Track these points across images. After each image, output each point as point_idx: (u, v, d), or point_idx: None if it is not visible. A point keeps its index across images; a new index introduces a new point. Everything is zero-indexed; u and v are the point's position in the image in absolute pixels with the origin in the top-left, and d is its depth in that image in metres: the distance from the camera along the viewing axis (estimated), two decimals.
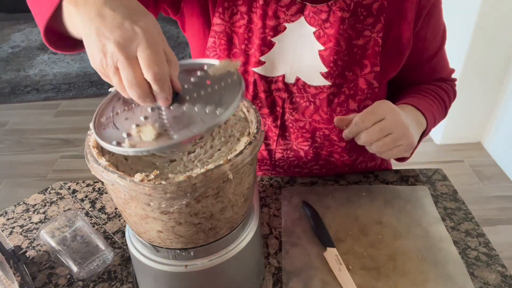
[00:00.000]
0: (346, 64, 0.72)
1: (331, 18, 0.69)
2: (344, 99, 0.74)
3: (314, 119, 0.77)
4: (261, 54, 0.73)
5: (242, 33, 0.73)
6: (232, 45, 0.74)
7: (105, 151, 0.51)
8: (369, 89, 0.73)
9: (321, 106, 0.74)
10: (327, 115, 0.75)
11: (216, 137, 0.53)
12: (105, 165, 0.46)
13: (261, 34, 0.72)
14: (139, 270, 0.60)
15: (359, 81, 0.73)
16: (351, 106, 0.74)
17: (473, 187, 2.02)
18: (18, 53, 3.54)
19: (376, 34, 0.71)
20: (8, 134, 2.56)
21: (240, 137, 0.52)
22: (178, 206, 0.46)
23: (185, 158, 0.50)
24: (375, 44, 0.71)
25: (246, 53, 0.74)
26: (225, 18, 0.73)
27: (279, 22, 0.71)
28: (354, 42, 0.71)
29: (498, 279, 0.66)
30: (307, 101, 0.75)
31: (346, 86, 0.73)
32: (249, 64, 0.74)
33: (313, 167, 0.86)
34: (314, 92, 0.74)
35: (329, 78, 0.72)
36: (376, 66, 0.72)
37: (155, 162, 0.49)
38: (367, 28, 0.71)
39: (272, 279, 0.67)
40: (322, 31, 0.70)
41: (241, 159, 0.47)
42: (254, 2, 0.71)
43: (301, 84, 0.74)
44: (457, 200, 0.81)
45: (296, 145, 0.81)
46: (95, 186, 0.89)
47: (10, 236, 0.78)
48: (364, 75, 0.72)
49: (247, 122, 0.55)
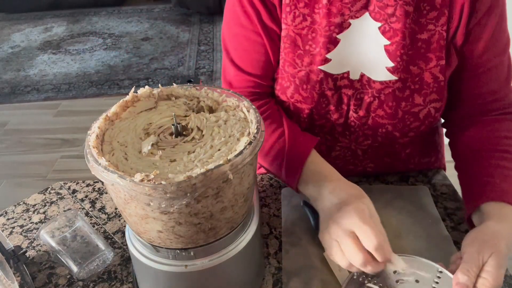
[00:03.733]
0: (410, 58, 0.72)
1: (397, 12, 0.69)
2: (409, 93, 0.74)
3: (377, 114, 0.76)
4: (327, 51, 0.73)
5: (306, 34, 0.74)
6: (296, 47, 0.75)
7: (105, 151, 0.51)
8: (435, 82, 0.73)
9: (386, 101, 0.74)
10: (392, 110, 0.75)
11: (216, 137, 0.53)
12: (105, 165, 0.46)
13: (326, 32, 0.72)
14: (139, 270, 0.61)
15: (424, 75, 0.73)
16: (417, 101, 0.74)
17: None
18: (18, 53, 3.54)
19: (440, 28, 0.70)
20: (8, 134, 2.56)
21: (240, 137, 0.52)
22: (178, 206, 0.46)
23: (185, 158, 0.50)
24: (440, 37, 0.71)
25: (311, 54, 0.74)
26: (287, 22, 0.74)
27: (344, 19, 0.71)
28: (418, 36, 0.71)
29: None
30: (372, 96, 0.75)
31: (410, 80, 0.73)
32: (314, 64, 0.74)
33: (367, 165, 0.85)
34: (379, 87, 0.74)
35: (395, 73, 0.72)
36: (441, 60, 0.72)
37: (155, 162, 0.49)
38: (430, 22, 0.70)
39: (272, 279, 0.67)
40: (387, 25, 0.71)
41: (241, 159, 0.47)
42: (316, 3, 0.72)
43: (365, 80, 0.74)
44: (457, 200, 0.81)
45: (354, 145, 0.82)
46: (95, 186, 0.89)
47: (10, 236, 0.78)
48: (429, 69, 0.72)
49: (247, 122, 0.55)
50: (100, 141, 0.53)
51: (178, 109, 0.59)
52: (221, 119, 0.56)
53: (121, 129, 0.55)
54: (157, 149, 0.52)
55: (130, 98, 0.59)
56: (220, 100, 0.60)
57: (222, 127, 0.54)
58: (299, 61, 0.75)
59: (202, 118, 0.56)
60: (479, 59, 0.74)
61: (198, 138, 0.53)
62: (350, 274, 0.65)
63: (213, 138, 0.53)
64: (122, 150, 0.52)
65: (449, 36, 0.72)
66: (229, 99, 0.59)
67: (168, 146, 0.52)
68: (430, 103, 0.74)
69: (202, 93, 0.61)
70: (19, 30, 3.97)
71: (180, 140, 0.53)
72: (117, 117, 0.57)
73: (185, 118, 0.57)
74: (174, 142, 0.53)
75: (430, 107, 0.74)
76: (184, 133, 0.55)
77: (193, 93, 0.62)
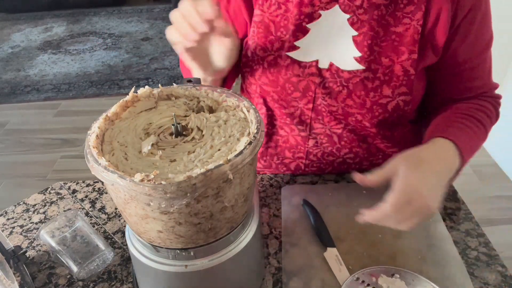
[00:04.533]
0: (383, 50, 0.73)
1: (364, 4, 0.71)
2: (378, 84, 0.75)
3: (347, 104, 0.77)
4: (295, 39, 0.76)
5: (279, 21, 0.77)
6: (268, 33, 0.78)
7: (105, 151, 0.51)
8: (405, 76, 0.74)
9: (354, 90, 0.75)
10: (360, 99, 0.76)
11: (216, 137, 0.53)
12: (105, 165, 0.46)
13: (296, 21, 0.75)
14: (139, 270, 0.60)
15: (395, 68, 0.74)
16: (385, 92, 0.75)
17: (473, 187, 2.02)
18: (18, 53, 3.54)
19: (416, 22, 0.71)
20: (8, 134, 2.56)
21: (240, 137, 0.52)
22: (178, 206, 0.46)
23: (185, 158, 0.50)
24: (415, 31, 0.72)
25: (281, 40, 0.77)
26: (263, 9, 0.77)
27: (314, 10, 0.74)
28: (392, 29, 0.72)
29: (498, 279, 0.66)
30: (340, 85, 0.76)
31: (381, 71, 0.74)
32: (283, 50, 0.77)
33: (346, 155, 0.86)
34: (347, 76, 0.75)
35: (363, 62, 0.74)
36: (414, 54, 0.72)
37: (155, 162, 0.49)
38: (406, 16, 0.72)
39: (272, 279, 0.67)
40: (356, 17, 0.73)
41: (241, 159, 0.47)
42: None
43: (334, 69, 0.76)
44: (457, 200, 0.81)
45: (329, 129, 0.83)
46: (95, 186, 0.89)
47: (10, 236, 0.78)
48: (400, 62, 0.73)
49: (247, 122, 0.55)
50: (100, 141, 0.53)
51: (178, 109, 0.59)
52: (221, 119, 0.56)
53: (121, 129, 0.55)
54: (157, 149, 0.52)
55: (130, 98, 0.59)
56: (220, 100, 0.60)
57: (222, 127, 0.54)
58: (270, 46, 0.78)
59: (202, 118, 0.56)
60: (463, 55, 0.76)
61: (198, 138, 0.53)
62: (350, 275, 0.65)
63: (213, 138, 0.53)
64: (122, 150, 0.52)
65: (425, 31, 0.73)
66: (229, 99, 0.60)
67: (168, 146, 0.52)
68: (399, 95, 0.75)
69: (202, 93, 0.61)
70: (19, 30, 3.97)
71: (180, 140, 0.53)
72: (117, 117, 0.57)
73: (185, 118, 0.57)
74: (174, 142, 0.53)
75: (399, 100, 0.75)
76: (184, 133, 0.55)
77: (193, 93, 0.62)
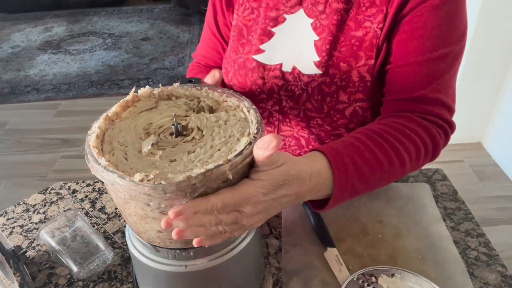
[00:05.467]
0: (342, 55, 0.72)
1: (327, 10, 0.71)
2: (334, 89, 0.74)
3: (307, 107, 0.78)
4: (260, 42, 0.77)
5: (251, 25, 0.79)
6: (241, 36, 0.80)
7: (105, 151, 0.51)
8: (361, 82, 0.72)
9: (313, 94, 0.76)
10: (318, 104, 0.76)
11: (216, 137, 0.53)
12: (105, 165, 0.46)
13: (262, 25, 0.77)
14: (139, 270, 0.60)
15: (352, 73, 0.72)
16: (341, 98, 0.74)
17: (473, 187, 2.02)
18: (18, 53, 3.54)
19: (376, 25, 0.69)
20: (8, 134, 2.56)
21: (240, 137, 0.52)
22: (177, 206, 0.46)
23: (185, 158, 0.50)
24: (374, 35, 0.69)
25: (250, 43, 0.79)
26: (238, 13, 0.80)
27: (279, 14, 0.76)
28: (352, 33, 0.71)
29: (498, 279, 0.66)
30: (300, 89, 0.77)
31: (338, 77, 0.73)
32: (250, 53, 0.79)
33: None
34: (306, 80, 0.75)
35: (321, 67, 0.73)
36: (370, 59, 0.70)
37: (155, 162, 0.49)
38: (368, 19, 0.70)
39: (272, 279, 0.67)
40: (318, 22, 0.73)
41: (240, 159, 0.47)
42: None
43: (296, 72, 0.76)
44: (457, 200, 0.81)
45: (296, 132, 0.82)
46: (95, 186, 0.89)
47: (10, 236, 0.78)
48: (357, 67, 0.72)
49: (247, 122, 0.55)
50: (100, 141, 0.53)
51: (178, 109, 0.59)
52: (221, 119, 0.56)
53: (121, 129, 0.55)
54: (157, 149, 0.52)
55: (130, 98, 0.59)
56: (221, 100, 0.60)
57: (222, 127, 0.54)
58: (241, 49, 0.80)
59: (202, 118, 0.56)
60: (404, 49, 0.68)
61: (198, 138, 0.53)
62: (350, 275, 0.65)
63: (213, 138, 0.53)
64: (122, 150, 0.52)
65: (382, 34, 0.68)
66: (230, 99, 0.60)
67: (168, 146, 0.52)
68: (355, 102, 0.73)
69: (202, 93, 0.61)
70: (19, 30, 3.97)
71: (180, 140, 0.53)
72: (118, 117, 0.57)
73: (185, 118, 0.57)
74: (174, 142, 0.53)
75: (356, 106, 0.74)
76: (184, 133, 0.55)
77: (193, 93, 0.62)
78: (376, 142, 0.62)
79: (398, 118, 0.68)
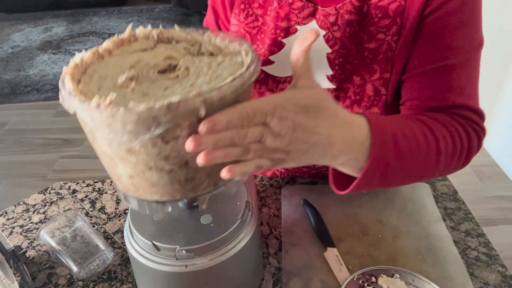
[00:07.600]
0: (355, 68, 0.70)
1: (339, 21, 0.68)
2: (349, 104, 0.72)
3: None
4: (270, 54, 0.73)
5: (255, 34, 0.75)
6: None
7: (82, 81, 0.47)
8: (376, 96, 0.70)
9: None
10: None
11: (202, 77, 0.47)
12: (69, 90, 0.43)
13: (272, 35, 0.72)
14: (138, 271, 0.60)
15: (366, 87, 0.70)
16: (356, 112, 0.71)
17: (473, 187, 2.02)
18: (18, 53, 3.54)
19: (390, 38, 0.66)
20: (8, 134, 2.56)
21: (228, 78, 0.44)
22: (140, 141, 0.42)
23: (160, 92, 0.45)
24: (388, 48, 0.67)
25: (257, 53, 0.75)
26: (240, 19, 0.75)
27: (290, 24, 0.71)
28: (365, 45, 0.68)
29: (498, 279, 0.66)
30: None
31: (352, 91, 0.71)
32: None
33: (321, 168, 0.85)
34: None
35: (334, 81, 0.71)
36: (386, 73, 0.68)
37: (126, 94, 0.45)
38: (381, 31, 0.67)
39: (272, 279, 0.67)
40: (331, 34, 0.70)
41: (217, 95, 0.40)
42: (269, 5, 0.72)
43: None
44: (457, 200, 0.81)
45: None
46: (95, 186, 0.89)
47: (10, 236, 0.78)
48: (372, 81, 0.70)
49: (242, 66, 0.48)
50: (81, 73, 0.49)
51: (176, 53, 0.54)
52: (215, 62, 0.50)
53: (107, 64, 0.51)
54: (135, 83, 0.47)
55: (126, 37, 0.53)
56: (223, 47, 0.55)
57: (213, 68, 0.49)
58: None
59: (195, 60, 0.51)
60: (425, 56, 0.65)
61: (182, 77, 0.48)
62: (350, 275, 0.65)
63: (198, 77, 0.47)
64: (99, 82, 0.48)
65: (397, 47, 0.66)
66: (231, 45, 0.54)
67: (148, 81, 0.47)
68: None
69: (204, 37, 0.56)
70: (19, 30, 3.97)
71: (162, 77, 0.48)
72: (109, 54, 0.52)
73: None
74: (155, 78, 0.48)
75: None
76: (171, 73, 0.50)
77: (195, 37, 0.56)
78: (416, 123, 0.60)
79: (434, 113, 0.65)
